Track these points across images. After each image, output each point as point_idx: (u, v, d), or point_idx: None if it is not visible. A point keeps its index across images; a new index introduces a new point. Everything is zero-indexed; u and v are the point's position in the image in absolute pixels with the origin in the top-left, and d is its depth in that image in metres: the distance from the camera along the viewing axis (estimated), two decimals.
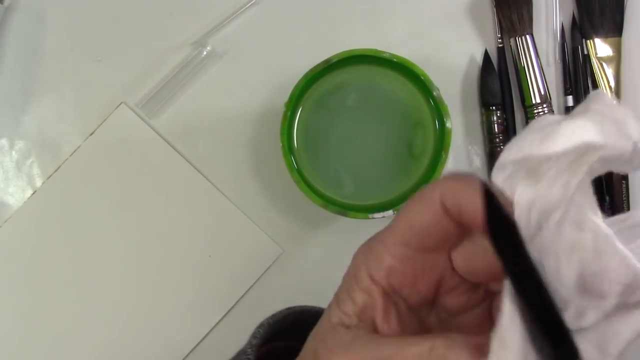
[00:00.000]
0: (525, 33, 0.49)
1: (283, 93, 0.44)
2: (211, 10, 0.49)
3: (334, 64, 0.44)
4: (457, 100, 0.50)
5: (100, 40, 0.49)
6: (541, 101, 0.48)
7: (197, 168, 0.49)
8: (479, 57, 0.50)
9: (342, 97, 0.46)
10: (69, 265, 0.48)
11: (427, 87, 0.44)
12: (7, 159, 0.49)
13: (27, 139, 0.49)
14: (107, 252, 0.49)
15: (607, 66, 0.50)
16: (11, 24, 0.49)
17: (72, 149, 0.48)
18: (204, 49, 0.49)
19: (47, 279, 0.48)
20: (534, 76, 0.49)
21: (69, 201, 0.49)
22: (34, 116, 0.49)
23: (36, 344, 0.49)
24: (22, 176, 0.49)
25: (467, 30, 0.51)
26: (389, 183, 0.46)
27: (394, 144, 0.46)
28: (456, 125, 0.50)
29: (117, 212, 0.49)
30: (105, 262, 0.49)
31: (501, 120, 0.49)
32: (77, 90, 0.49)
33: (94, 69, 0.49)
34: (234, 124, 0.49)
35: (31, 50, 0.49)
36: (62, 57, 0.49)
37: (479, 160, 0.50)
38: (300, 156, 0.45)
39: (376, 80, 0.46)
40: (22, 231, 0.48)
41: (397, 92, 0.46)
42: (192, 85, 0.49)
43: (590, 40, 0.50)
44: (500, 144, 0.49)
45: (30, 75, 0.49)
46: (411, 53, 0.45)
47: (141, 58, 0.49)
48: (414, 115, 0.46)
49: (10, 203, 0.48)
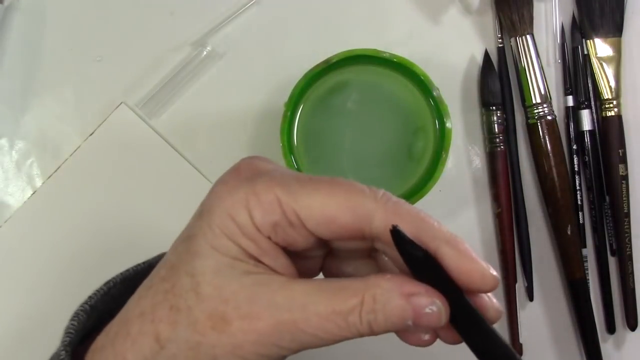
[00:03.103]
0: (526, 33, 0.49)
1: (283, 93, 0.44)
2: (211, 10, 0.49)
3: (334, 64, 0.44)
4: (457, 100, 0.50)
5: (100, 40, 0.49)
6: (541, 101, 0.48)
7: (197, 168, 0.49)
8: (479, 57, 0.50)
9: (342, 97, 0.46)
10: (68, 265, 0.48)
11: (427, 87, 0.44)
12: (7, 159, 0.49)
13: (27, 139, 0.49)
14: (107, 252, 0.49)
15: (607, 66, 0.50)
16: (11, 24, 0.49)
17: (72, 149, 0.48)
18: (204, 49, 0.49)
19: (47, 279, 0.48)
20: (534, 76, 0.49)
21: (68, 201, 0.49)
22: (34, 116, 0.49)
23: (36, 344, 0.49)
24: (22, 176, 0.49)
25: (467, 30, 0.51)
26: (389, 183, 0.46)
27: (394, 144, 0.46)
28: (456, 125, 0.50)
29: (117, 212, 0.49)
30: (104, 262, 0.49)
31: (501, 120, 0.49)
32: (77, 90, 0.49)
33: (94, 69, 0.49)
34: (234, 124, 0.49)
35: (31, 50, 0.49)
36: (62, 57, 0.49)
37: (479, 160, 0.50)
38: (300, 156, 0.45)
39: (376, 81, 0.46)
40: (22, 231, 0.48)
41: (397, 92, 0.46)
42: (192, 85, 0.49)
43: (590, 40, 0.50)
44: (501, 144, 0.49)
45: (30, 75, 0.49)
46: (411, 53, 0.45)
47: (141, 58, 0.49)
48: (414, 115, 0.46)
49: (10, 203, 0.48)
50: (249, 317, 0.24)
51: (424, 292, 0.24)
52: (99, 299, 0.29)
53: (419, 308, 0.24)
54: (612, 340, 0.51)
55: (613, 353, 0.51)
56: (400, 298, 0.24)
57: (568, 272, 0.49)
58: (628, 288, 0.50)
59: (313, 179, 0.25)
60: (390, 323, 0.24)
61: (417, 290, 0.24)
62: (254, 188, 0.25)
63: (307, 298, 0.24)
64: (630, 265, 0.49)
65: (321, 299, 0.24)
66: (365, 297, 0.24)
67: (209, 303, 0.24)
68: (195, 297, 0.24)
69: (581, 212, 0.50)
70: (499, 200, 0.49)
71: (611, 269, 0.50)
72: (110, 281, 0.30)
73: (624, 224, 0.49)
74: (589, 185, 0.50)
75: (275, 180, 0.25)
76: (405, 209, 0.25)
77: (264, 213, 0.24)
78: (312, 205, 0.24)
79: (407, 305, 0.24)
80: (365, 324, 0.24)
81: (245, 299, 0.24)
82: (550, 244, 0.51)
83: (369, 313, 0.24)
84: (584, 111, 0.50)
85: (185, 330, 0.24)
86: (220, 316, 0.24)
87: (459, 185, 0.50)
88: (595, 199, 0.50)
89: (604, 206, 0.50)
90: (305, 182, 0.25)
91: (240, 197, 0.24)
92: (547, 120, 0.48)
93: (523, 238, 0.50)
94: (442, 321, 0.24)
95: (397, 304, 0.24)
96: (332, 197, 0.25)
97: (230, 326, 0.24)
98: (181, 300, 0.24)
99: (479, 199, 0.50)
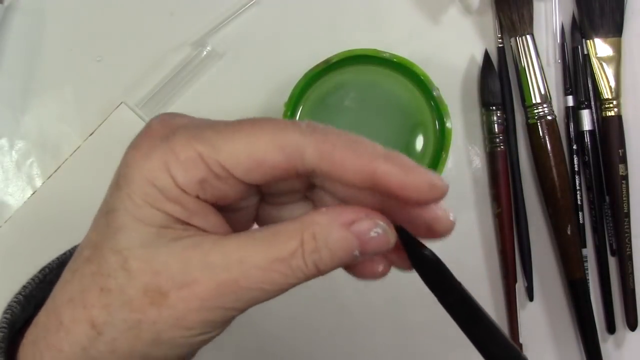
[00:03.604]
0: (526, 33, 0.49)
1: (283, 93, 0.44)
2: (211, 10, 0.49)
3: (334, 64, 0.44)
4: (457, 100, 0.50)
5: (100, 40, 0.49)
6: (541, 101, 0.48)
7: None
8: (479, 57, 0.50)
9: (342, 97, 0.46)
10: None
11: (427, 87, 0.44)
12: (7, 159, 0.49)
13: (27, 139, 0.49)
14: None
15: (607, 66, 0.50)
16: (11, 24, 0.49)
17: (72, 149, 0.48)
18: (204, 49, 0.49)
19: None
20: (534, 76, 0.49)
21: (68, 201, 0.49)
22: (34, 116, 0.49)
23: None
24: (22, 176, 0.49)
25: (467, 30, 0.51)
26: None
27: (394, 143, 0.46)
28: (456, 125, 0.50)
29: None
30: None
31: (501, 120, 0.49)
32: (77, 90, 0.49)
33: (94, 69, 0.49)
34: None
35: (31, 50, 0.49)
36: (62, 57, 0.49)
37: (479, 160, 0.50)
38: None
39: (376, 80, 0.46)
40: (22, 231, 0.48)
41: (397, 92, 0.46)
42: (192, 85, 0.49)
43: (590, 40, 0.50)
44: (501, 144, 0.49)
45: (30, 75, 0.49)
46: (411, 53, 0.45)
47: (141, 58, 0.49)
48: (414, 115, 0.46)
49: (10, 203, 0.48)
50: (185, 284, 0.22)
51: (364, 216, 0.23)
52: (35, 287, 0.27)
53: (363, 234, 0.23)
54: (612, 340, 0.51)
55: (613, 353, 0.51)
56: (341, 229, 0.22)
57: (568, 272, 0.49)
58: (628, 288, 0.50)
59: (232, 123, 0.23)
60: (337, 258, 0.23)
61: (357, 216, 0.23)
62: (171, 147, 0.22)
63: (242, 252, 0.22)
64: (630, 265, 0.49)
65: (257, 249, 0.22)
66: (305, 237, 0.22)
67: (141, 278, 0.22)
68: (125, 274, 0.22)
69: (581, 212, 0.50)
70: (499, 200, 0.49)
71: (611, 269, 0.50)
72: (46, 267, 0.28)
73: (624, 224, 0.49)
74: (589, 185, 0.50)
75: (191, 133, 0.23)
76: (335, 134, 0.23)
77: (186, 172, 0.22)
78: (237, 152, 0.22)
79: (350, 234, 0.22)
80: (311, 265, 0.22)
81: (179, 267, 0.22)
82: (550, 244, 0.51)
83: (312, 253, 0.22)
84: (584, 111, 0.50)
85: (121, 311, 0.23)
86: (155, 290, 0.22)
87: (459, 185, 0.50)
88: (595, 199, 0.50)
89: (604, 206, 0.50)
90: (224, 128, 0.23)
91: (158, 160, 0.22)
92: (547, 120, 0.48)
93: (523, 238, 0.50)
94: (391, 243, 0.23)
95: (340, 236, 0.22)
96: (255, 138, 0.22)
97: (168, 298, 0.22)
98: (110, 280, 0.23)
99: (479, 199, 0.50)
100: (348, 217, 0.23)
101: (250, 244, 0.23)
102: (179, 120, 0.24)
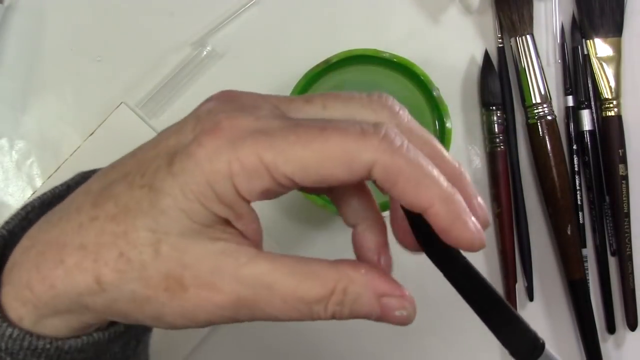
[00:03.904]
0: (526, 33, 0.49)
1: (283, 93, 0.44)
2: (211, 10, 0.49)
3: (334, 64, 0.44)
4: (457, 100, 0.50)
5: (100, 40, 0.49)
6: (541, 101, 0.48)
7: None
8: (479, 57, 0.50)
9: None
10: None
11: (427, 87, 0.44)
12: (7, 159, 0.49)
13: (27, 139, 0.49)
14: None
15: (607, 66, 0.50)
16: (11, 24, 0.49)
17: (72, 149, 0.48)
18: (204, 49, 0.49)
19: None
20: (534, 76, 0.49)
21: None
22: (34, 116, 0.49)
23: None
24: (22, 176, 0.49)
25: (467, 30, 0.51)
26: None
27: None
28: (456, 125, 0.50)
29: None
30: None
31: (501, 120, 0.49)
32: (77, 90, 0.49)
33: (94, 69, 0.49)
34: None
35: (31, 50, 0.49)
36: (62, 57, 0.49)
37: (479, 160, 0.50)
38: None
39: (376, 80, 0.46)
40: None
41: (397, 92, 0.46)
42: (192, 85, 0.49)
43: (590, 40, 0.50)
44: (501, 144, 0.49)
45: (30, 75, 0.49)
46: (411, 53, 0.45)
47: (141, 58, 0.49)
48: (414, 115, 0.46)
49: (10, 203, 0.48)
50: (208, 287, 0.23)
51: (397, 294, 0.24)
52: (17, 224, 0.27)
53: (388, 309, 0.23)
54: (612, 340, 0.51)
55: (613, 353, 0.51)
56: (373, 297, 0.23)
57: (568, 272, 0.49)
58: (628, 288, 0.50)
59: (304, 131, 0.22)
60: (354, 316, 0.23)
61: (391, 291, 0.23)
62: (238, 155, 0.22)
63: (272, 278, 0.23)
64: (630, 265, 0.49)
65: (288, 282, 0.23)
66: (337, 288, 0.23)
67: (167, 263, 0.23)
68: (152, 253, 0.23)
69: (581, 212, 0.50)
70: (499, 200, 0.49)
71: (611, 269, 0.50)
72: (28, 205, 0.28)
73: (624, 224, 0.49)
74: (589, 185, 0.50)
75: (260, 142, 0.22)
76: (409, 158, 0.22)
77: (250, 182, 0.22)
78: (306, 167, 0.22)
79: (377, 304, 0.23)
80: (330, 314, 0.23)
81: (208, 269, 0.23)
82: (550, 244, 0.51)
83: (336, 304, 0.23)
84: (584, 111, 0.50)
85: (134, 283, 0.23)
86: (177, 280, 0.23)
87: None
88: (595, 199, 0.50)
89: (604, 206, 0.50)
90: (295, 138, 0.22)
91: (223, 166, 0.22)
92: (547, 120, 0.48)
93: (523, 238, 0.50)
94: (407, 324, 0.24)
95: (369, 302, 0.23)
96: (327, 155, 0.22)
97: (186, 292, 0.23)
98: (135, 251, 0.23)
99: None
100: (383, 289, 0.23)
101: (283, 274, 0.23)
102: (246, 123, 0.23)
